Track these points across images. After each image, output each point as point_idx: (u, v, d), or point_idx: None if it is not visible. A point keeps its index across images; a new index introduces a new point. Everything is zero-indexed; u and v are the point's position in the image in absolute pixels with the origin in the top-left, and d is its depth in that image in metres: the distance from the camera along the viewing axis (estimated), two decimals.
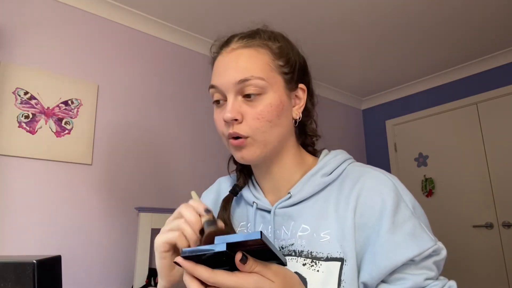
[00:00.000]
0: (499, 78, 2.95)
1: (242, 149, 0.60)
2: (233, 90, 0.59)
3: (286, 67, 0.62)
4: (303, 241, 0.59)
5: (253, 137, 0.59)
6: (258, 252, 0.40)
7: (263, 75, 0.58)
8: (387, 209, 0.54)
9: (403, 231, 0.53)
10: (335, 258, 0.56)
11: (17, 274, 0.63)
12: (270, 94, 0.59)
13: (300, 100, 0.65)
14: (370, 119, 3.86)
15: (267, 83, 0.59)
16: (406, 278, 0.52)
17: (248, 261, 0.39)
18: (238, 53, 0.60)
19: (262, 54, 0.61)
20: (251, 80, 0.58)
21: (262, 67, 0.59)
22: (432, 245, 0.53)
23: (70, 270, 1.84)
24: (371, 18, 2.41)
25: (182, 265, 0.40)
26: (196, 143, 2.49)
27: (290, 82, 0.63)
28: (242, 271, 0.40)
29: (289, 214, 0.63)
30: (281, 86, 0.61)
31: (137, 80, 2.30)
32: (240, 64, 0.59)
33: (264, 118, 0.58)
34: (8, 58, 1.84)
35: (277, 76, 0.61)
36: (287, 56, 0.63)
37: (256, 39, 0.62)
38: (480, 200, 2.94)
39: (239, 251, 0.39)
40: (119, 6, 2.24)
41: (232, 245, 0.38)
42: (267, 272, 0.41)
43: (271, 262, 0.43)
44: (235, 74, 0.59)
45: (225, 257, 0.40)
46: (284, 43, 0.64)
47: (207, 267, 0.40)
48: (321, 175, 0.63)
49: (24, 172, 1.80)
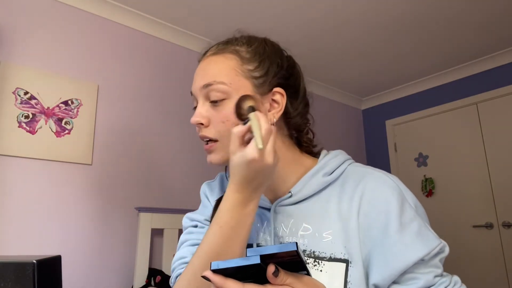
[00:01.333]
0: (499, 78, 2.95)
1: (211, 153, 0.63)
2: (200, 95, 0.62)
3: (256, 71, 0.62)
4: (305, 240, 0.60)
5: (220, 140, 0.61)
6: (288, 263, 0.39)
7: (226, 80, 0.60)
8: (393, 210, 0.55)
9: (411, 231, 0.54)
10: (339, 259, 0.56)
11: (17, 274, 0.63)
12: (235, 98, 0.59)
13: (278, 104, 0.63)
14: (370, 119, 3.86)
15: (229, 87, 0.60)
16: (417, 278, 0.53)
17: (280, 274, 0.39)
18: (207, 60, 0.64)
19: (230, 59, 0.62)
20: (213, 85, 0.60)
21: (226, 72, 0.61)
22: (438, 243, 0.54)
23: (70, 270, 1.84)
24: (371, 18, 2.41)
25: (211, 279, 0.39)
26: (196, 143, 2.49)
27: (261, 86, 0.62)
28: (273, 284, 0.40)
29: (289, 212, 0.63)
30: (249, 90, 0.61)
31: (137, 80, 2.30)
32: (206, 70, 0.62)
33: (229, 121, 0.59)
34: (8, 58, 1.84)
35: (244, 81, 0.61)
36: (259, 60, 0.62)
37: (228, 45, 0.64)
38: (480, 200, 2.93)
39: (271, 263, 0.38)
40: (119, 6, 2.24)
41: (265, 257, 0.37)
42: (298, 284, 0.41)
43: (300, 273, 0.43)
44: (200, 80, 0.62)
45: (254, 269, 0.38)
46: (258, 47, 0.64)
47: (237, 281, 0.39)
48: (322, 174, 0.63)
49: (24, 172, 1.80)
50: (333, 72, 3.21)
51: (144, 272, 1.98)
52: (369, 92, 3.70)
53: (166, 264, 2.06)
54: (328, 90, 3.52)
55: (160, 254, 2.15)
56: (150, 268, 2.02)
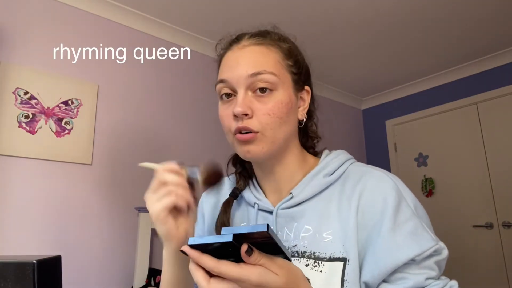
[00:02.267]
0: (499, 78, 2.95)
1: (250, 144, 0.59)
2: (244, 84, 0.59)
3: (294, 68, 0.63)
4: (305, 241, 0.60)
5: (263, 132, 0.58)
6: (264, 245, 0.40)
7: (275, 71, 0.59)
8: (389, 209, 0.55)
9: (405, 230, 0.53)
10: (337, 258, 0.56)
11: (17, 274, 0.63)
12: (281, 91, 0.60)
13: (304, 101, 0.66)
14: (370, 119, 3.86)
15: (278, 79, 0.59)
16: (407, 278, 0.52)
17: (253, 253, 0.40)
18: (250, 50, 0.61)
19: (274, 52, 0.62)
20: (264, 75, 0.58)
21: (274, 63, 0.60)
22: (433, 244, 0.53)
23: (70, 270, 1.84)
24: (371, 18, 2.41)
25: (189, 253, 0.40)
26: (196, 143, 2.49)
27: (297, 82, 0.64)
28: (247, 263, 0.40)
29: (292, 215, 0.63)
30: (290, 85, 0.62)
31: (137, 80, 2.30)
32: (252, 59, 0.60)
33: (275, 114, 0.58)
34: (8, 58, 1.84)
35: (287, 75, 0.62)
36: (296, 57, 0.64)
37: (267, 38, 0.63)
38: (480, 200, 2.93)
39: (244, 243, 0.39)
40: (119, 6, 2.24)
41: (239, 236, 0.38)
42: (271, 265, 0.41)
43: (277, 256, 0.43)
44: (247, 68, 0.59)
45: (231, 249, 0.40)
46: (292, 45, 0.66)
47: (212, 257, 0.40)
48: (323, 175, 0.63)
49: (24, 172, 1.80)
50: (333, 72, 3.21)
51: (144, 272, 1.98)
52: (369, 92, 3.69)
53: None
54: (328, 90, 3.52)
55: (160, 254, 2.15)
56: (150, 268, 2.02)
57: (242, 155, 0.61)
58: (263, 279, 0.40)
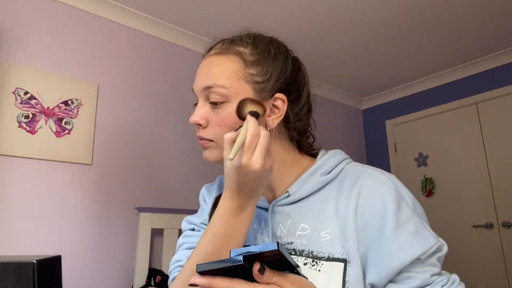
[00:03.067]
0: (499, 78, 2.95)
1: (205, 150, 0.63)
2: (201, 96, 0.62)
3: (258, 76, 0.60)
4: (303, 240, 0.60)
5: (216, 141, 0.61)
6: (274, 262, 0.40)
7: (227, 84, 0.59)
8: (390, 209, 0.55)
9: (407, 230, 0.54)
10: (337, 258, 0.56)
11: (17, 274, 0.63)
12: (234, 102, 0.59)
13: (278, 109, 0.62)
14: (370, 119, 3.86)
15: (229, 91, 0.59)
16: (413, 277, 0.53)
17: (265, 272, 0.39)
18: (210, 60, 0.63)
19: (232, 61, 0.61)
20: (213, 88, 0.59)
21: (228, 75, 0.59)
22: (436, 242, 0.54)
23: (70, 270, 1.84)
24: (371, 18, 2.41)
25: (199, 283, 0.40)
26: (196, 143, 2.49)
27: (262, 91, 0.60)
28: (259, 282, 0.40)
29: (287, 212, 0.63)
30: (249, 95, 0.59)
31: (137, 80, 2.30)
32: (208, 70, 0.61)
33: (226, 125, 0.59)
34: (8, 58, 1.84)
35: (244, 85, 0.59)
36: (262, 64, 0.61)
37: (232, 45, 0.62)
38: (480, 200, 2.93)
39: (256, 262, 0.39)
40: (119, 6, 2.24)
41: (248, 257, 0.38)
42: (284, 282, 0.41)
43: (287, 271, 0.43)
44: (202, 81, 0.61)
45: (240, 270, 0.39)
46: (263, 51, 0.62)
47: (224, 278, 0.40)
48: (320, 174, 0.63)
49: (24, 172, 1.80)
50: (333, 72, 3.21)
51: (144, 272, 1.98)
52: (369, 92, 3.70)
53: (166, 264, 2.06)
54: (328, 90, 3.52)
55: (160, 254, 2.15)
56: (150, 268, 2.02)
57: (203, 159, 0.65)
58: None
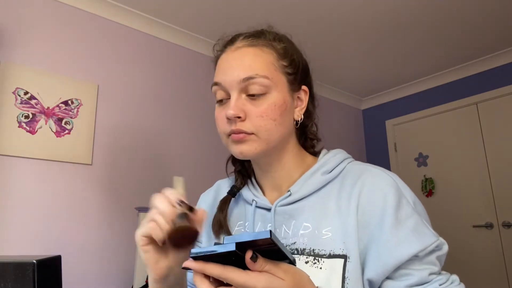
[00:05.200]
0: (499, 78, 2.95)
1: (243, 143, 0.59)
2: (237, 88, 0.59)
3: (289, 68, 0.62)
4: (305, 239, 0.60)
5: (257, 134, 0.59)
6: (267, 251, 0.40)
7: (268, 74, 0.59)
8: (389, 206, 0.55)
9: (406, 227, 0.54)
10: (337, 255, 0.56)
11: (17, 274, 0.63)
12: (274, 93, 0.59)
13: (302, 101, 0.66)
14: (370, 119, 3.86)
15: (271, 82, 0.59)
16: (411, 274, 0.53)
17: (258, 260, 0.39)
18: (243, 52, 0.61)
19: (267, 53, 0.61)
20: (256, 79, 0.58)
21: (267, 66, 0.60)
22: (435, 240, 0.54)
23: (70, 270, 1.84)
24: (371, 18, 2.41)
25: (192, 267, 0.40)
26: (195, 143, 2.49)
27: (293, 83, 0.63)
28: (252, 270, 0.40)
29: (290, 212, 0.63)
30: (285, 86, 0.61)
31: (137, 80, 2.30)
32: (245, 62, 0.59)
33: (268, 116, 0.58)
34: (8, 58, 1.84)
35: (281, 76, 0.61)
36: (291, 57, 0.63)
37: (261, 38, 0.63)
38: (480, 200, 2.93)
39: (249, 250, 0.39)
40: (119, 6, 2.24)
41: (242, 245, 0.38)
42: (277, 270, 0.41)
43: (281, 261, 0.43)
44: (239, 72, 0.59)
45: (234, 258, 0.39)
46: (288, 44, 0.65)
47: (217, 264, 0.40)
48: (321, 172, 0.63)
49: (24, 172, 1.80)
50: (333, 72, 3.21)
51: (144, 272, 1.98)
52: (369, 92, 3.70)
53: None
54: (328, 90, 3.52)
55: None
56: None
57: (236, 155, 0.61)
58: (269, 285, 0.40)
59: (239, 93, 0.59)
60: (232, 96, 0.59)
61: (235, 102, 0.58)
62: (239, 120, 0.58)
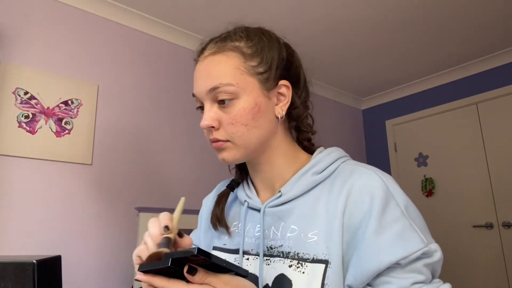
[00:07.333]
0: (499, 78, 2.95)
1: (223, 151, 0.61)
2: (207, 99, 0.60)
3: (260, 67, 0.60)
4: (290, 242, 0.58)
5: (232, 141, 0.60)
6: (211, 266, 0.43)
7: (232, 81, 0.58)
8: (375, 209, 0.52)
9: (390, 232, 0.51)
10: (320, 260, 0.54)
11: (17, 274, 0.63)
12: (243, 98, 0.58)
13: (284, 97, 0.63)
14: (370, 119, 3.86)
15: (237, 87, 0.58)
16: (390, 282, 0.50)
17: (197, 273, 0.43)
18: (208, 61, 0.61)
19: (232, 57, 0.60)
20: (220, 88, 0.58)
21: (231, 72, 0.59)
22: (421, 247, 0.50)
23: (70, 270, 1.84)
24: (371, 18, 2.41)
25: (141, 279, 0.44)
26: (195, 143, 2.49)
27: (267, 81, 0.61)
28: (193, 282, 0.43)
29: (279, 214, 0.61)
30: (256, 88, 0.59)
31: (137, 80, 2.30)
32: (209, 72, 0.60)
33: (238, 122, 0.58)
34: (8, 58, 1.84)
35: (249, 78, 0.59)
36: (261, 54, 0.61)
37: (227, 42, 0.62)
38: (480, 200, 2.93)
39: (187, 264, 0.42)
40: (119, 6, 2.24)
41: (177, 260, 0.41)
42: (217, 282, 0.44)
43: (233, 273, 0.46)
44: (205, 83, 0.60)
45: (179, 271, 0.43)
46: (258, 41, 0.62)
47: (163, 277, 0.44)
48: (311, 173, 0.61)
49: (24, 172, 1.80)
50: (333, 72, 3.21)
51: None
52: (369, 92, 3.70)
53: None
54: (328, 90, 3.52)
55: None
56: None
57: (220, 161, 0.63)
58: None
59: (211, 103, 0.60)
60: (205, 107, 0.61)
61: (207, 113, 0.60)
62: (214, 130, 0.60)
